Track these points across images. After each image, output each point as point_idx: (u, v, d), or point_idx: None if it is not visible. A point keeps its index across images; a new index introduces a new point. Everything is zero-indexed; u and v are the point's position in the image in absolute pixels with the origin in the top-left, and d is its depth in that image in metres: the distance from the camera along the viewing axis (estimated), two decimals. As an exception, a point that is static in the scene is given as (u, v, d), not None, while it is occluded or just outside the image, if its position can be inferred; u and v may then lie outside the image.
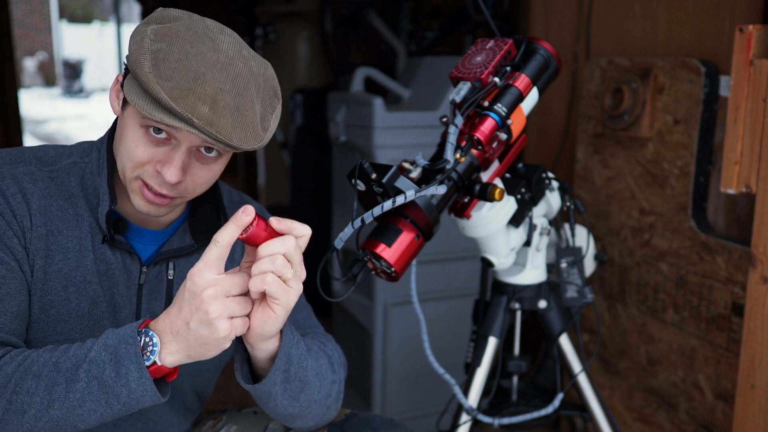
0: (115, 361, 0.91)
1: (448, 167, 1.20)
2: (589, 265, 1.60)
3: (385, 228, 1.18)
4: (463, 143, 1.23)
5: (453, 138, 1.22)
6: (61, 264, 1.06)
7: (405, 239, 1.17)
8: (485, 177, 1.33)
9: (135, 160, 1.01)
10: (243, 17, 4.63)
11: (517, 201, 1.37)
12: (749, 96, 1.41)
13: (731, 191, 1.45)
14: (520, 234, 1.44)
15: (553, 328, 1.52)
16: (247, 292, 0.92)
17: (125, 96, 0.97)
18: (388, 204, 1.11)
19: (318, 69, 4.31)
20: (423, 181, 1.21)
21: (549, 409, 1.49)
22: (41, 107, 12.97)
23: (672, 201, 1.85)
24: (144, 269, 1.13)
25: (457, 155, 1.22)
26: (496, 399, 1.62)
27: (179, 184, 1.02)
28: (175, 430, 1.25)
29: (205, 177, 1.05)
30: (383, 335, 2.25)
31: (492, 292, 1.53)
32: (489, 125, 1.23)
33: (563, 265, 1.51)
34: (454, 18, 3.05)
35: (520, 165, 1.42)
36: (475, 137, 1.23)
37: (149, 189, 1.02)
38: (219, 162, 1.05)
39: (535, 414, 1.50)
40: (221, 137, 0.96)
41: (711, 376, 1.77)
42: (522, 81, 1.27)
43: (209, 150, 1.02)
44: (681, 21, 1.94)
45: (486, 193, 1.27)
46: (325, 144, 2.96)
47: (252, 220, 0.89)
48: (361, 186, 1.15)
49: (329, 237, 2.85)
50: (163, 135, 0.99)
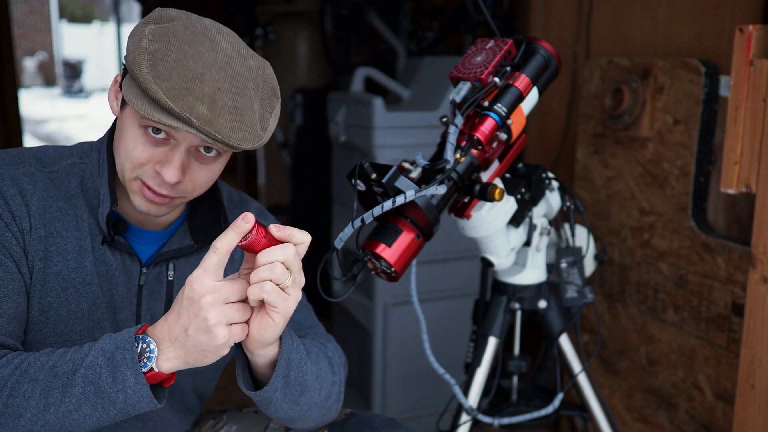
0: (112, 367, 0.91)
1: (448, 167, 1.20)
2: (589, 265, 1.60)
3: (385, 228, 1.18)
4: (463, 143, 1.23)
5: (453, 138, 1.22)
6: (61, 265, 1.06)
7: (405, 239, 1.17)
8: (485, 177, 1.33)
9: (134, 160, 1.01)
10: (243, 17, 4.64)
11: (517, 201, 1.37)
12: (749, 96, 1.41)
13: (731, 191, 1.45)
14: (520, 234, 1.44)
15: (553, 328, 1.52)
16: (246, 298, 0.92)
17: (124, 96, 0.97)
18: (388, 204, 1.11)
19: (318, 69, 4.31)
20: (423, 181, 1.21)
21: (549, 409, 1.49)
22: (41, 107, 12.97)
23: (672, 201, 1.85)
24: (144, 270, 1.13)
25: (457, 155, 1.22)
26: (496, 399, 1.62)
27: (179, 184, 1.02)
28: (176, 430, 1.25)
29: (205, 177, 1.05)
30: (383, 335, 2.25)
31: (492, 292, 1.53)
32: (489, 125, 1.23)
33: (563, 265, 1.51)
34: (454, 18, 3.05)
35: (520, 165, 1.42)
36: (475, 137, 1.23)
37: (149, 189, 1.02)
38: (218, 162, 1.05)
39: (535, 414, 1.50)
40: (220, 137, 0.95)
41: (711, 376, 1.77)
42: (522, 81, 1.27)
43: (208, 150, 1.02)
44: (681, 21, 1.94)
45: (486, 193, 1.27)
46: (325, 144, 2.96)
47: (252, 227, 0.88)
48: (361, 186, 1.15)
49: (329, 237, 2.85)
50: (162, 135, 0.99)
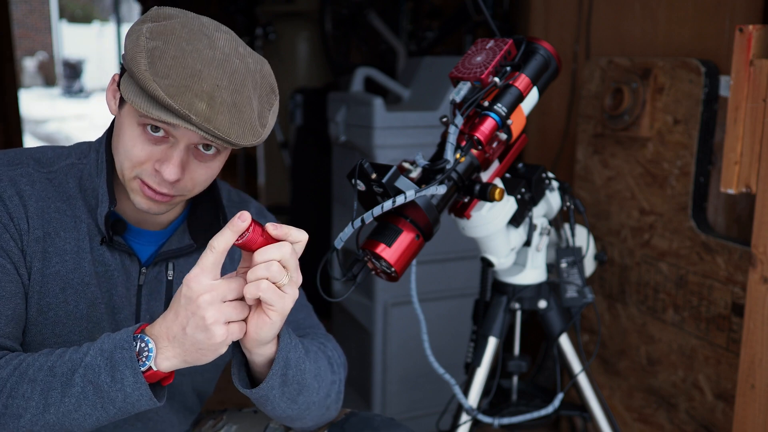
0: (111, 366, 0.91)
1: (448, 167, 1.20)
2: (589, 265, 1.60)
3: (385, 228, 1.18)
4: (463, 143, 1.23)
5: (453, 138, 1.22)
6: (59, 266, 1.06)
7: (405, 239, 1.17)
8: (485, 177, 1.33)
9: (133, 159, 1.01)
10: (243, 17, 4.64)
11: (517, 201, 1.37)
12: (749, 96, 1.41)
13: (731, 191, 1.45)
14: (520, 234, 1.44)
15: (553, 328, 1.52)
16: (244, 297, 0.92)
17: (122, 95, 0.97)
18: (388, 204, 1.11)
19: (318, 69, 4.31)
20: (423, 181, 1.21)
21: (549, 409, 1.49)
22: (41, 107, 12.97)
23: (672, 201, 1.85)
24: (143, 270, 1.13)
25: (457, 155, 1.22)
26: (496, 399, 1.62)
27: (178, 182, 1.02)
28: (175, 429, 1.25)
29: (204, 175, 1.05)
30: (383, 335, 2.25)
31: (492, 292, 1.53)
32: (489, 125, 1.23)
33: (563, 265, 1.51)
34: (454, 18, 3.05)
35: (520, 165, 1.42)
36: (475, 137, 1.23)
37: (149, 187, 1.02)
38: (217, 159, 1.05)
39: (535, 414, 1.50)
40: (219, 133, 0.95)
41: (711, 376, 1.77)
42: (522, 81, 1.27)
43: (207, 147, 1.02)
44: (681, 21, 1.94)
45: (486, 193, 1.27)
46: (325, 144, 2.96)
47: (248, 225, 0.89)
48: (361, 186, 1.15)
49: (329, 237, 2.85)
50: (161, 133, 0.99)
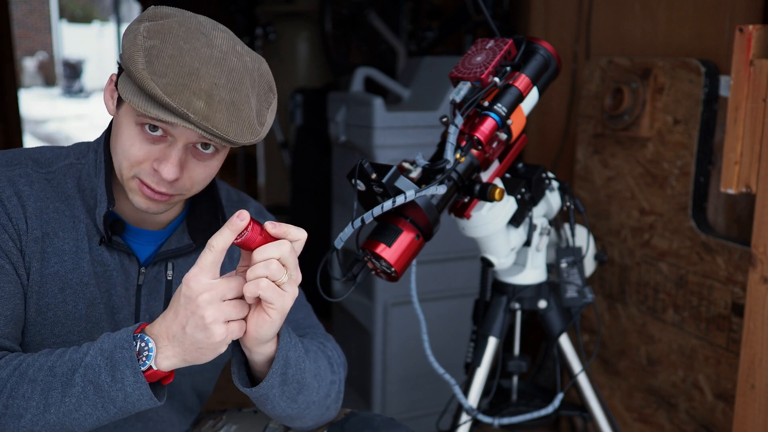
0: (111, 366, 0.91)
1: (448, 167, 1.20)
2: (589, 265, 1.60)
3: (385, 228, 1.18)
4: (463, 143, 1.23)
5: (453, 138, 1.22)
6: (57, 266, 1.06)
7: (405, 239, 1.17)
8: (485, 177, 1.33)
9: (131, 158, 1.01)
10: (243, 17, 4.64)
11: (517, 201, 1.37)
12: (749, 96, 1.41)
13: (731, 191, 1.45)
14: (520, 234, 1.44)
15: (553, 328, 1.52)
16: (243, 295, 0.92)
17: (120, 94, 0.97)
18: (388, 204, 1.11)
19: (318, 69, 4.31)
20: (423, 181, 1.21)
21: (549, 409, 1.49)
22: (41, 107, 12.97)
23: (672, 201, 1.85)
24: (142, 270, 1.13)
25: (457, 155, 1.22)
26: (496, 399, 1.62)
27: (177, 181, 1.02)
28: (175, 429, 1.25)
29: (203, 174, 1.05)
30: (383, 335, 2.25)
31: (492, 292, 1.53)
32: (489, 125, 1.23)
33: (563, 265, 1.51)
34: (454, 18, 3.05)
35: (520, 165, 1.42)
36: (475, 137, 1.23)
37: (148, 187, 1.02)
38: (216, 158, 1.05)
39: (535, 414, 1.50)
40: (217, 131, 0.95)
41: (711, 376, 1.77)
42: (522, 81, 1.27)
43: (206, 146, 1.02)
44: (681, 21, 1.94)
45: (486, 193, 1.27)
46: (325, 144, 2.96)
47: (247, 224, 0.89)
48: (361, 186, 1.15)
49: (329, 237, 2.85)
50: (159, 132, 0.99)
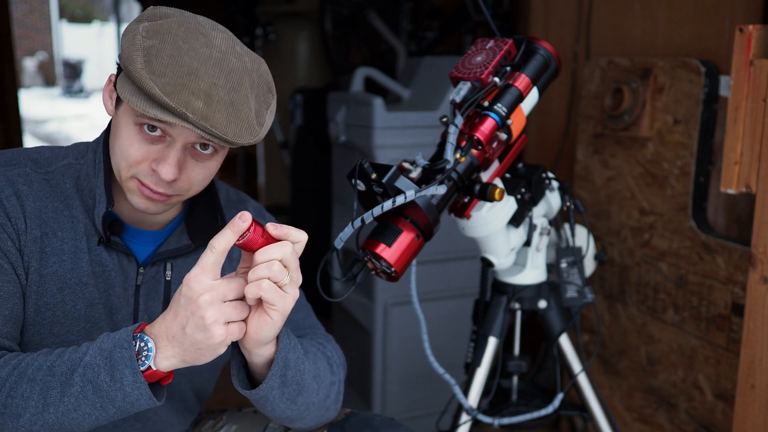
0: (110, 366, 0.91)
1: (448, 167, 1.20)
2: (589, 265, 1.60)
3: (385, 228, 1.18)
4: (463, 143, 1.23)
5: (453, 138, 1.22)
6: (56, 266, 1.06)
7: (405, 239, 1.17)
8: (485, 177, 1.33)
9: (130, 159, 1.01)
10: (243, 17, 4.64)
11: (517, 201, 1.37)
12: (749, 96, 1.41)
13: (731, 191, 1.45)
14: (520, 234, 1.44)
15: (553, 328, 1.52)
16: (244, 297, 0.92)
17: (119, 94, 0.97)
18: (388, 204, 1.11)
19: (318, 69, 4.31)
20: (423, 181, 1.21)
21: (549, 409, 1.49)
22: (41, 107, 12.97)
23: (672, 201, 1.85)
24: (141, 270, 1.12)
25: (457, 155, 1.22)
26: (496, 399, 1.62)
27: (175, 181, 1.01)
28: (175, 429, 1.25)
29: (201, 174, 1.04)
30: (383, 335, 2.25)
31: (492, 292, 1.53)
32: (489, 125, 1.23)
33: (563, 265, 1.51)
34: (454, 18, 3.05)
35: (520, 165, 1.42)
36: (475, 137, 1.23)
37: (146, 187, 1.02)
38: (215, 159, 1.05)
39: (535, 414, 1.50)
40: (216, 131, 0.95)
41: (711, 376, 1.77)
42: (522, 81, 1.27)
43: (205, 147, 1.02)
44: (681, 21, 1.94)
45: (486, 193, 1.27)
46: (325, 144, 2.96)
47: (249, 225, 0.88)
48: (361, 186, 1.15)
49: (329, 237, 2.85)
50: (158, 132, 0.99)
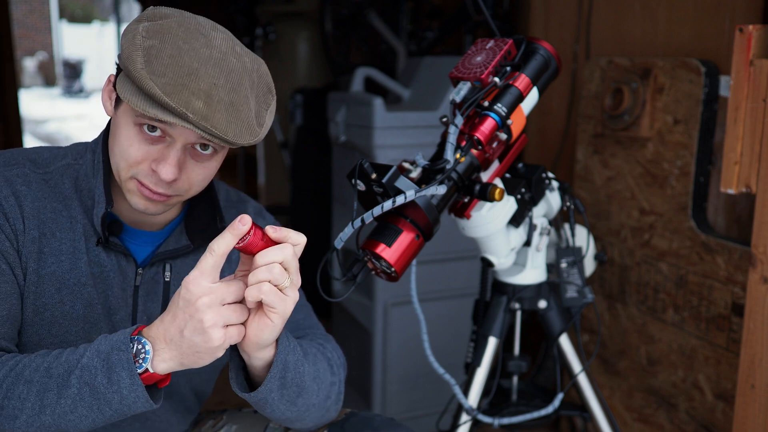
0: (107, 368, 0.90)
1: (448, 167, 1.20)
2: (589, 265, 1.60)
3: (385, 228, 1.18)
4: (463, 143, 1.23)
5: (453, 138, 1.22)
6: (54, 266, 1.06)
7: (405, 239, 1.17)
8: (485, 177, 1.33)
9: (129, 159, 1.00)
10: (243, 17, 4.64)
11: (517, 201, 1.37)
12: (749, 96, 1.41)
13: (731, 191, 1.45)
14: (520, 234, 1.44)
15: (553, 328, 1.52)
16: (243, 300, 0.91)
17: (118, 94, 0.97)
18: (388, 204, 1.11)
19: (318, 69, 4.31)
20: (423, 181, 1.21)
21: (549, 409, 1.49)
22: (41, 107, 12.97)
23: (672, 201, 1.85)
24: (139, 271, 1.12)
25: (457, 155, 1.22)
26: (496, 399, 1.62)
27: (175, 182, 1.01)
28: (174, 429, 1.25)
29: (201, 175, 1.04)
30: (383, 335, 2.25)
31: (492, 292, 1.53)
32: (489, 125, 1.23)
33: (563, 265, 1.51)
34: (454, 18, 3.05)
35: (520, 165, 1.42)
36: (475, 137, 1.23)
37: (146, 188, 1.02)
38: (215, 159, 1.05)
39: (535, 414, 1.50)
40: (216, 131, 0.95)
41: (711, 376, 1.77)
42: (522, 81, 1.27)
43: (204, 147, 1.02)
44: (681, 21, 1.94)
45: (486, 193, 1.27)
46: (325, 144, 2.96)
47: (249, 229, 0.88)
48: (361, 186, 1.15)
49: (329, 237, 2.85)
50: (158, 133, 0.99)
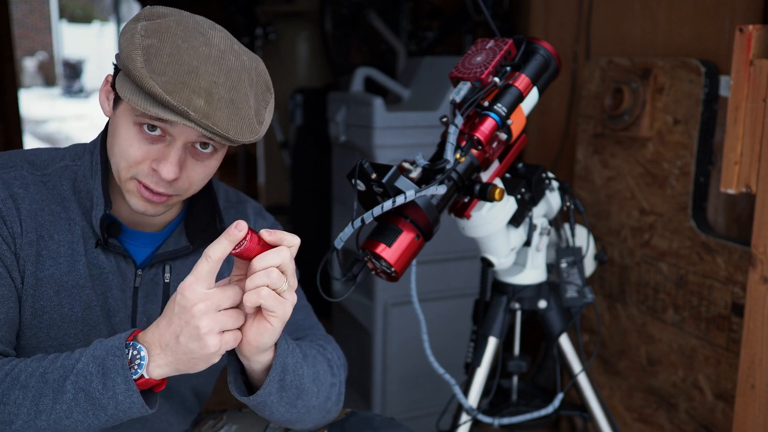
0: (103, 373, 0.90)
1: (448, 167, 1.20)
2: (589, 265, 1.60)
3: (385, 228, 1.18)
4: (463, 143, 1.23)
5: (453, 138, 1.22)
6: (53, 269, 1.06)
7: (405, 239, 1.17)
8: (485, 177, 1.33)
9: (130, 159, 1.00)
10: (243, 17, 4.64)
11: (517, 201, 1.37)
12: (749, 96, 1.41)
13: (731, 191, 1.45)
14: (520, 234, 1.44)
15: (553, 328, 1.52)
16: (239, 305, 0.91)
17: (118, 93, 0.97)
18: (388, 204, 1.11)
19: (318, 69, 4.31)
20: (423, 181, 1.21)
21: (549, 409, 1.49)
22: (41, 107, 12.96)
23: (672, 201, 1.85)
24: (139, 272, 1.12)
25: (457, 155, 1.22)
26: (496, 399, 1.62)
27: (176, 181, 1.01)
28: (174, 429, 1.25)
29: (201, 174, 1.04)
30: (383, 335, 2.25)
31: (492, 292, 1.53)
32: (489, 125, 1.23)
33: (563, 265, 1.51)
34: (454, 18, 3.05)
35: (520, 165, 1.42)
36: (475, 137, 1.23)
37: (146, 188, 1.02)
38: (214, 158, 1.05)
39: (535, 414, 1.50)
40: (218, 129, 0.95)
41: (711, 376, 1.77)
42: (522, 81, 1.27)
43: (204, 146, 1.02)
44: (681, 21, 1.94)
45: (486, 193, 1.27)
46: (325, 144, 2.96)
47: (245, 234, 0.88)
48: (361, 186, 1.15)
49: (329, 237, 2.85)
50: (158, 132, 0.99)
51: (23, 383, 0.93)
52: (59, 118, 11.85)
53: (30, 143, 8.36)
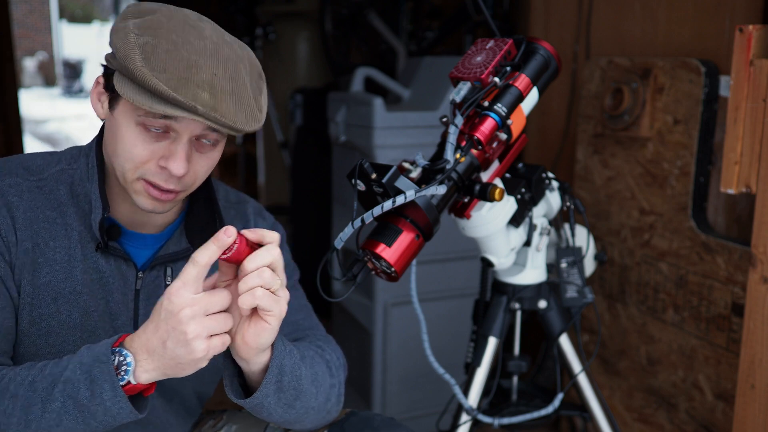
0: (90, 381, 0.90)
1: (448, 167, 1.20)
2: (589, 265, 1.60)
3: (385, 228, 1.18)
4: (463, 143, 1.23)
5: (453, 138, 1.22)
6: (49, 276, 1.05)
7: (405, 239, 1.17)
8: (485, 177, 1.33)
9: (136, 159, 1.00)
10: (243, 17, 4.63)
11: (517, 201, 1.37)
12: (749, 96, 1.41)
13: (731, 191, 1.45)
14: (520, 234, 1.43)
15: (553, 328, 1.52)
16: (227, 309, 0.91)
17: (120, 94, 0.96)
18: (388, 204, 1.11)
19: (318, 69, 4.31)
20: (423, 181, 1.21)
21: (549, 409, 1.49)
22: (41, 107, 12.96)
23: (672, 201, 1.85)
24: (140, 274, 1.11)
25: (457, 155, 1.22)
26: (496, 399, 1.62)
27: (184, 176, 1.01)
28: (174, 430, 1.25)
29: (205, 166, 1.05)
30: (383, 335, 2.25)
31: (492, 292, 1.53)
32: (489, 125, 1.23)
33: (563, 265, 1.51)
34: (454, 18, 3.05)
35: (520, 165, 1.42)
36: (475, 137, 1.23)
37: (155, 187, 1.01)
38: (216, 150, 1.05)
39: (535, 414, 1.50)
40: (225, 121, 0.95)
41: (711, 376, 1.77)
42: (522, 81, 1.27)
43: (207, 138, 1.02)
44: (681, 21, 1.94)
45: (486, 193, 1.27)
46: (325, 144, 2.96)
47: (234, 240, 0.87)
48: (361, 186, 1.15)
49: (329, 237, 2.85)
50: (161, 129, 0.99)
51: (13, 393, 0.92)
52: (59, 118, 11.84)
53: (30, 143, 8.36)
